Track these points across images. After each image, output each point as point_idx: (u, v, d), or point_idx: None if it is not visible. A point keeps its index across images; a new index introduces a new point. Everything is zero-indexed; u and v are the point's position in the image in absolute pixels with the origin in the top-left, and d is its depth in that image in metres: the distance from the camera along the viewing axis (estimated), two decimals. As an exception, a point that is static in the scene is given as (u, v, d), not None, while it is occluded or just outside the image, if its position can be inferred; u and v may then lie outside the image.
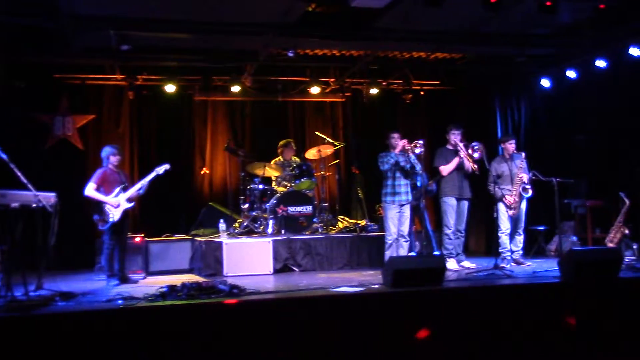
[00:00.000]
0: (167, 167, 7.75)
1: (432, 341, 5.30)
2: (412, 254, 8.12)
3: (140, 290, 6.18)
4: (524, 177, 8.04)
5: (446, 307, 5.60)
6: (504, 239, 8.10)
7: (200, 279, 6.46)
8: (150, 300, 5.46)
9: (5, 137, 6.53)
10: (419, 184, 8.16)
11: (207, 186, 10.70)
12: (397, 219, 7.85)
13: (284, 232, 8.71)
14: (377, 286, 6.15)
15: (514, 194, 8.04)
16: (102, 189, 7.41)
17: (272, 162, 9.43)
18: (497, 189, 8.06)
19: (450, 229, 8.10)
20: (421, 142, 7.86)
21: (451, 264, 7.88)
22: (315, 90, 10.67)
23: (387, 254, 7.78)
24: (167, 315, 5.09)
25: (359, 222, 9.59)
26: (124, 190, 7.51)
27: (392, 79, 11.09)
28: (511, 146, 8.30)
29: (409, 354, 5.24)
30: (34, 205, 5.93)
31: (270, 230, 8.75)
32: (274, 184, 9.40)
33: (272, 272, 8.10)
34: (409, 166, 7.90)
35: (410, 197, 7.92)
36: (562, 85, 9.87)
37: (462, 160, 8.06)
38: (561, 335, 5.59)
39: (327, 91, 11.14)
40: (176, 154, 10.40)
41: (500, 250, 8.04)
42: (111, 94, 10.31)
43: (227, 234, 8.57)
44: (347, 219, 10.02)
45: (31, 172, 6.07)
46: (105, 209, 7.36)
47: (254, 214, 9.02)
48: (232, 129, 10.93)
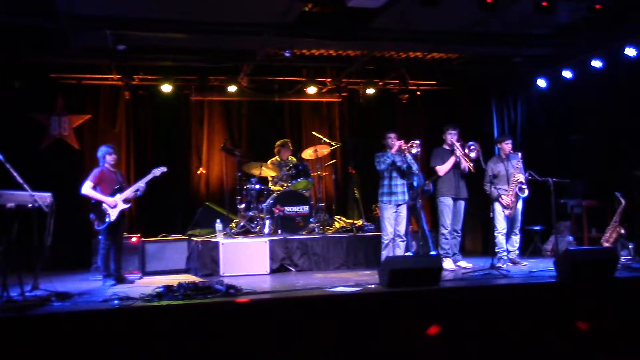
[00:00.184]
0: (163, 169, 7.74)
1: (429, 341, 5.31)
2: (409, 253, 8.12)
3: (136, 290, 6.17)
4: (520, 177, 8.06)
5: (443, 307, 5.60)
6: (500, 238, 8.11)
7: (196, 279, 6.45)
8: (146, 300, 5.45)
9: (1, 137, 6.54)
10: (415, 184, 8.16)
11: (203, 186, 10.70)
12: (394, 219, 7.85)
13: (280, 232, 8.71)
14: (373, 286, 6.15)
15: (510, 194, 8.06)
16: (98, 188, 7.40)
17: (269, 162, 9.42)
18: (493, 188, 8.08)
19: (446, 229, 8.11)
20: (417, 142, 7.86)
21: (447, 264, 7.89)
22: (311, 90, 10.67)
23: (384, 254, 7.78)
24: (163, 315, 5.09)
25: (356, 222, 9.59)
26: (121, 190, 7.50)
27: (388, 79, 11.10)
28: (507, 146, 8.31)
29: (406, 354, 5.24)
30: (30, 205, 5.92)
31: (266, 230, 8.74)
32: (270, 184, 9.40)
33: (268, 272, 8.10)
34: (405, 166, 7.90)
35: (406, 197, 7.92)
36: (559, 85, 9.89)
37: (458, 159, 8.06)
38: (558, 335, 5.60)
39: (323, 91, 11.14)
40: (172, 154, 10.40)
41: (496, 250, 8.05)
42: (107, 94, 10.30)
43: (224, 234, 8.57)
44: (343, 218, 10.02)
45: (27, 172, 6.05)
46: (102, 208, 7.34)
47: (251, 214, 9.01)
48: (228, 128, 10.92)
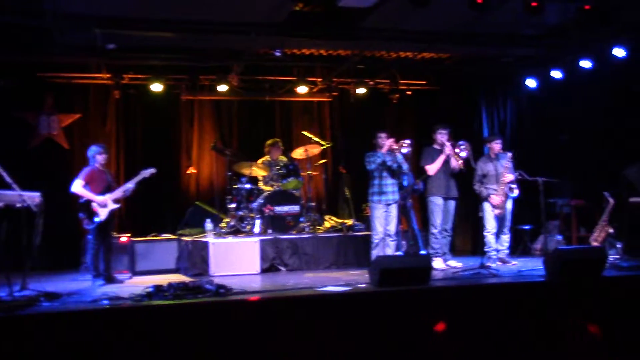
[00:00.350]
0: (153, 171, 7.73)
1: (419, 340, 5.32)
2: (399, 253, 8.15)
3: (126, 290, 6.15)
4: (509, 177, 8.08)
5: (432, 307, 5.61)
6: (490, 238, 8.14)
7: (186, 279, 6.43)
8: (136, 300, 5.43)
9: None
10: (405, 184, 8.19)
11: (193, 186, 10.66)
12: (384, 219, 7.86)
13: (270, 231, 8.70)
14: (363, 285, 6.16)
15: (499, 193, 8.09)
16: (88, 187, 7.36)
17: (259, 162, 9.41)
18: (482, 188, 8.11)
19: (436, 228, 8.13)
20: (408, 141, 7.88)
21: (437, 263, 7.91)
22: (302, 89, 10.66)
23: (374, 254, 7.79)
24: (153, 315, 5.07)
25: (346, 221, 9.60)
26: (110, 190, 7.47)
27: (379, 78, 11.11)
28: (497, 146, 8.34)
29: (396, 353, 5.26)
30: (19, 205, 5.90)
31: (257, 229, 8.73)
32: (260, 184, 9.39)
33: (259, 271, 8.10)
34: (395, 166, 7.91)
35: (397, 197, 7.93)
36: (548, 85, 9.93)
37: (448, 157, 8.08)
38: (546, 334, 5.63)
39: (314, 91, 11.14)
40: (163, 153, 10.36)
41: (486, 249, 8.08)
42: (97, 93, 10.25)
43: (214, 234, 8.55)
44: (334, 218, 10.02)
45: (16, 171, 6.03)
46: (91, 207, 7.31)
47: (241, 213, 9.00)
48: (219, 128, 10.90)
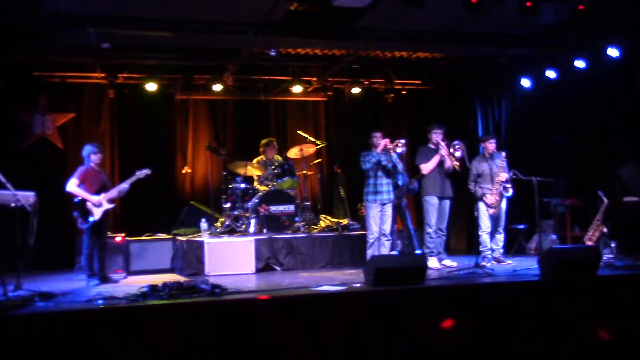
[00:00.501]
0: (147, 172, 7.71)
1: (414, 339, 5.33)
2: (394, 252, 8.15)
3: (120, 290, 6.14)
4: (504, 176, 8.10)
5: (427, 306, 5.62)
6: (485, 237, 8.15)
7: (181, 279, 6.43)
8: (131, 300, 5.41)
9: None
10: (400, 183, 8.19)
11: (188, 185, 10.65)
12: (379, 218, 7.87)
13: (266, 231, 8.70)
14: (358, 285, 6.16)
15: (494, 193, 8.10)
16: (83, 186, 7.34)
17: (254, 161, 9.40)
18: (477, 187, 8.12)
19: (431, 228, 8.14)
20: (403, 141, 7.89)
21: (432, 263, 7.92)
22: (297, 89, 10.68)
23: (369, 253, 7.79)
24: (148, 315, 5.06)
25: (341, 221, 9.60)
26: (105, 190, 7.46)
27: (374, 78, 11.13)
28: (491, 145, 8.36)
29: (392, 352, 5.26)
30: (13, 204, 5.88)
31: (252, 229, 8.73)
32: (255, 183, 9.38)
33: (254, 271, 8.10)
34: (390, 165, 7.92)
35: (392, 196, 7.94)
36: (542, 85, 9.96)
37: (442, 157, 8.09)
38: (540, 333, 5.65)
39: (309, 90, 11.14)
40: (157, 153, 10.36)
41: (480, 248, 8.09)
42: (91, 93, 10.23)
43: (209, 233, 8.54)
44: (329, 218, 10.03)
45: (10, 171, 6.01)
46: (86, 207, 7.29)
47: (236, 213, 8.99)
48: (213, 127, 10.89)
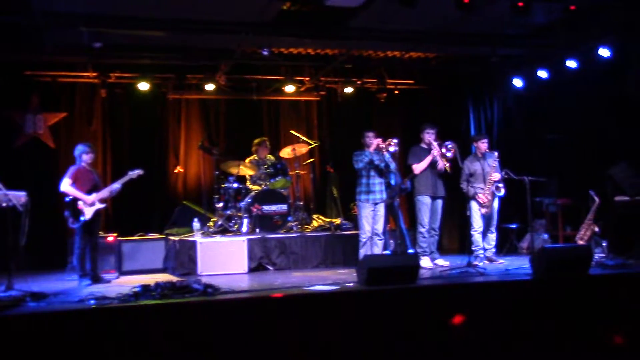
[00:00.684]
0: (140, 172, 7.69)
1: (407, 339, 5.34)
2: (387, 252, 8.17)
3: (113, 290, 6.12)
4: (496, 176, 8.13)
5: (420, 305, 5.63)
6: (477, 237, 8.18)
7: (174, 279, 6.42)
8: (123, 300, 5.39)
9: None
10: (393, 183, 8.20)
11: (181, 185, 10.63)
12: (372, 218, 7.88)
13: (258, 230, 8.69)
14: (351, 284, 6.16)
15: (486, 192, 8.13)
16: (74, 186, 7.31)
17: (247, 161, 9.40)
18: (469, 187, 8.14)
19: (424, 227, 8.16)
20: (395, 140, 7.90)
21: (425, 262, 7.94)
22: (290, 88, 10.68)
23: (362, 252, 7.80)
24: (140, 315, 5.05)
25: (334, 220, 9.61)
26: (96, 190, 7.43)
27: (366, 78, 11.13)
28: (484, 145, 8.39)
29: (384, 352, 5.27)
30: (4, 204, 5.85)
31: (244, 229, 8.72)
32: (248, 183, 9.37)
33: (246, 271, 8.09)
34: (383, 165, 7.93)
35: (384, 196, 7.95)
36: (534, 85, 10.00)
37: (435, 158, 8.12)
38: (532, 332, 5.67)
39: (302, 90, 11.15)
40: (150, 152, 10.34)
41: (473, 248, 8.11)
42: (83, 92, 10.20)
43: (202, 233, 8.53)
44: (321, 217, 10.03)
45: (1, 170, 5.99)
46: (77, 206, 7.26)
47: (229, 212, 8.98)
48: (206, 127, 10.87)
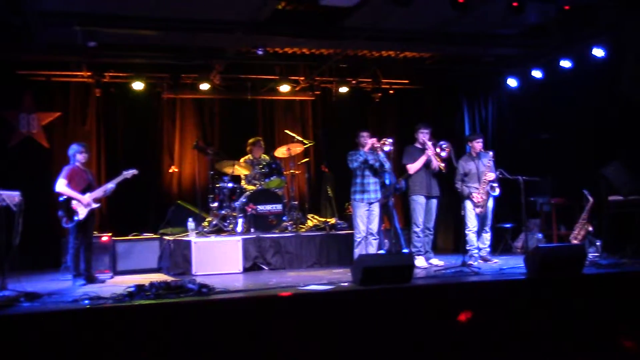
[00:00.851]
0: (134, 172, 7.67)
1: (402, 339, 5.35)
2: (381, 251, 8.18)
3: (107, 290, 6.09)
4: (491, 176, 8.14)
5: (415, 305, 5.64)
6: (471, 236, 8.19)
7: (168, 278, 6.41)
8: (117, 300, 5.38)
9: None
10: (387, 182, 8.21)
11: (175, 185, 10.62)
12: (366, 217, 7.89)
13: (253, 230, 8.69)
14: (346, 284, 6.16)
15: (481, 192, 8.14)
16: (69, 186, 7.29)
17: (242, 161, 9.39)
18: (464, 187, 8.16)
19: (419, 227, 8.17)
20: (390, 140, 7.91)
21: (420, 262, 7.95)
22: (284, 88, 10.67)
23: (357, 252, 7.81)
24: (135, 315, 5.04)
25: (329, 220, 9.61)
26: (90, 189, 7.42)
27: (361, 77, 11.14)
28: (478, 145, 8.40)
29: (379, 352, 5.28)
30: (-2, 204, 5.82)
31: (239, 228, 8.71)
32: (243, 183, 9.37)
33: (241, 270, 8.09)
34: (377, 164, 7.94)
35: (379, 195, 7.96)
36: (529, 84, 10.03)
37: (429, 158, 8.13)
38: (527, 331, 5.68)
39: (296, 89, 11.14)
40: (144, 152, 10.32)
41: (467, 247, 8.13)
42: (77, 91, 10.17)
43: (196, 233, 8.52)
44: (316, 217, 10.03)
45: (-5, 170, 5.96)
46: (71, 206, 7.24)
47: (223, 212, 8.97)
48: (201, 127, 10.86)
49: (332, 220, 9.57)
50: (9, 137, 9.60)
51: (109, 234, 8.68)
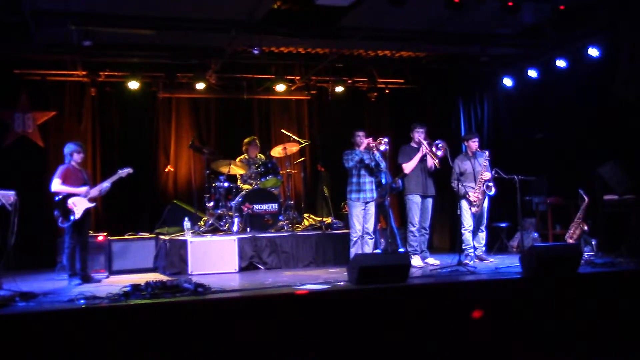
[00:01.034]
0: (129, 170, 7.65)
1: (398, 338, 5.35)
2: (377, 251, 8.18)
3: (103, 289, 6.09)
4: (487, 175, 8.15)
5: (411, 304, 5.65)
6: (467, 235, 8.20)
7: (164, 278, 6.40)
8: (113, 299, 5.37)
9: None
10: (383, 182, 8.22)
11: (171, 184, 10.61)
12: (362, 217, 7.89)
13: (249, 230, 8.68)
14: (342, 283, 6.17)
15: (477, 191, 8.15)
16: (64, 185, 7.27)
17: (238, 160, 9.39)
18: (460, 186, 8.17)
19: (414, 226, 8.17)
20: (386, 139, 7.91)
21: (416, 261, 7.96)
22: (280, 87, 10.67)
23: (353, 251, 7.81)
24: (130, 315, 5.03)
25: (325, 219, 9.60)
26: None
27: (357, 77, 11.15)
28: (474, 144, 8.41)
29: (375, 351, 5.28)
30: (-7, 204, 5.81)
31: (235, 228, 8.71)
32: (239, 182, 9.36)
33: (237, 270, 8.08)
34: (373, 164, 7.94)
35: (375, 195, 7.96)
36: (524, 84, 10.05)
37: (424, 155, 8.13)
38: (522, 330, 5.70)
39: (292, 89, 11.14)
40: (140, 151, 10.29)
41: (463, 247, 8.14)
42: (73, 91, 10.15)
43: (192, 232, 8.51)
44: (312, 216, 10.03)
45: (-11, 170, 5.95)
46: (67, 206, 7.22)
47: (219, 212, 8.97)
48: (196, 126, 10.85)
49: (328, 219, 9.57)
50: (4, 137, 9.57)
51: (105, 234, 8.67)
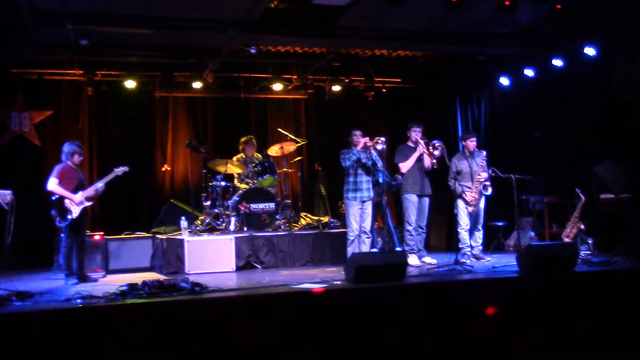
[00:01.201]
0: (125, 169, 7.64)
1: (395, 337, 5.36)
2: (374, 250, 8.19)
3: (99, 289, 6.08)
4: (484, 175, 8.16)
5: (408, 303, 5.65)
6: (464, 234, 8.21)
7: (161, 277, 6.42)
8: (110, 299, 5.38)
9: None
10: (380, 181, 8.22)
11: (168, 183, 10.60)
12: (359, 216, 7.89)
13: (246, 229, 8.68)
14: (339, 282, 6.18)
15: (474, 191, 8.16)
16: (60, 185, 7.26)
17: (234, 159, 9.38)
18: (457, 185, 8.17)
19: (411, 225, 8.18)
20: (383, 139, 7.91)
21: (413, 260, 7.96)
22: (277, 87, 10.67)
23: (350, 251, 7.82)
24: (127, 314, 5.03)
25: (322, 218, 9.61)
26: (82, 188, 7.39)
27: (354, 76, 11.15)
28: (472, 143, 8.42)
29: (372, 350, 5.29)
30: (-11, 203, 5.80)
31: (232, 227, 8.71)
32: (236, 181, 9.36)
33: (234, 269, 8.08)
34: (370, 163, 7.94)
35: (372, 194, 7.97)
36: (521, 83, 10.06)
37: (421, 155, 8.13)
38: (519, 328, 5.71)
39: (289, 88, 11.14)
40: (137, 150, 10.29)
41: (460, 246, 8.15)
42: (69, 90, 10.13)
43: (189, 232, 8.50)
44: (309, 215, 10.03)
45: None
46: (64, 205, 7.21)
47: (216, 211, 8.96)
48: (193, 125, 10.85)
49: (325, 218, 9.57)
50: (0, 136, 9.55)
51: (102, 233, 8.65)
